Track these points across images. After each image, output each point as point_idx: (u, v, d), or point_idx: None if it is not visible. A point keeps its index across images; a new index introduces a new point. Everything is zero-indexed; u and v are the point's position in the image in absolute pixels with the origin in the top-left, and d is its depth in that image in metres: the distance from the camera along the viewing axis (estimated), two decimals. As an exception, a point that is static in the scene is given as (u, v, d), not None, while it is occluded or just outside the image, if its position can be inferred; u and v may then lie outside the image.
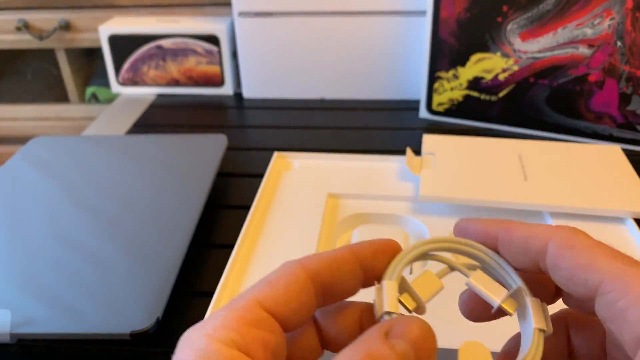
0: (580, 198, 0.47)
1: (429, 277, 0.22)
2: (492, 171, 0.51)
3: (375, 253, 0.21)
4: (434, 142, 0.57)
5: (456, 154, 0.54)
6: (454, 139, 0.57)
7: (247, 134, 0.72)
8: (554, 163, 0.53)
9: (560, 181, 0.49)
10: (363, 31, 0.75)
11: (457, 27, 0.65)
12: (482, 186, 0.49)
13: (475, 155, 0.54)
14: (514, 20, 0.62)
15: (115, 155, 0.57)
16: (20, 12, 0.92)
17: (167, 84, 0.84)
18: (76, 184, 0.52)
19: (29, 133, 1.01)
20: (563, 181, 0.49)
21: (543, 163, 0.53)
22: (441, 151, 0.55)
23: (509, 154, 0.54)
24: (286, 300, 0.18)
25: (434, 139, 0.57)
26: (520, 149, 0.55)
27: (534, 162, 0.53)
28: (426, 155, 0.54)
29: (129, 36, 0.80)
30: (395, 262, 0.21)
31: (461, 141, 0.57)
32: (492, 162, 0.53)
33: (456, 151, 0.55)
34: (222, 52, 0.80)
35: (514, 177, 0.50)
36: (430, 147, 0.56)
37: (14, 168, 0.55)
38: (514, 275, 0.22)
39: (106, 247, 0.43)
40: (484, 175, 0.50)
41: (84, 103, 1.02)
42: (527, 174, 0.50)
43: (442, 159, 0.53)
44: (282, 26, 0.76)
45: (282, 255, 0.41)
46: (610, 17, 0.58)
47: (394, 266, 0.21)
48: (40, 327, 0.36)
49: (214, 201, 0.53)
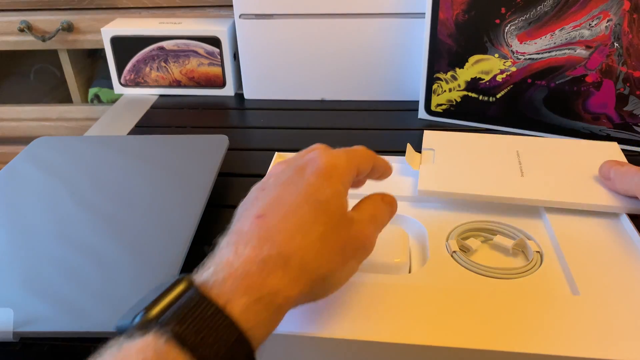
0: (575, 194, 0.47)
1: None
2: (489, 166, 0.52)
3: None
4: (434, 138, 0.58)
5: (455, 150, 0.55)
6: (454, 135, 0.58)
7: (248, 134, 0.73)
8: (551, 159, 0.53)
9: (556, 177, 0.50)
10: (362, 33, 0.76)
11: (456, 28, 0.66)
12: (479, 181, 0.49)
13: (474, 151, 0.55)
14: (511, 22, 0.63)
15: (117, 155, 0.57)
16: (23, 14, 0.92)
17: (169, 85, 0.84)
18: (79, 183, 0.53)
19: (32, 133, 1.02)
20: (559, 177, 0.50)
21: (540, 159, 0.53)
22: (441, 147, 0.55)
23: (507, 149, 0.55)
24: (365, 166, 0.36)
25: (434, 135, 0.58)
26: (518, 145, 0.56)
27: (531, 158, 0.53)
28: (426, 150, 0.55)
29: (131, 37, 0.81)
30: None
31: (461, 137, 0.58)
32: (490, 157, 0.54)
33: (455, 147, 0.56)
34: (224, 53, 0.80)
35: (511, 173, 0.51)
36: (431, 142, 0.57)
37: (17, 168, 0.56)
38: (517, 233, 0.45)
39: (109, 246, 0.44)
40: (481, 170, 0.51)
41: (87, 104, 1.03)
42: (524, 170, 0.51)
43: (441, 154, 0.54)
44: (282, 28, 0.76)
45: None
46: (607, 19, 0.58)
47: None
48: (43, 326, 0.37)
49: (215, 201, 0.54)
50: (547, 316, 0.35)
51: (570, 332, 0.34)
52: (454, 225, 0.46)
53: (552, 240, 0.44)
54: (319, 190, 0.31)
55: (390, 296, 0.37)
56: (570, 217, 0.45)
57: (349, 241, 0.31)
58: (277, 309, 0.27)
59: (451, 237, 0.44)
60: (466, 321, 0.35)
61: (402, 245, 0.42)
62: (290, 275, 0.27)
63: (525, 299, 0.37)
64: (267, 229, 0.29)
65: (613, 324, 0.35)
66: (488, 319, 0.35)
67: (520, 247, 0.44)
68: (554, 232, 0.44)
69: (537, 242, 0.44)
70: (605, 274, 0.39)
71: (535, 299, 0.37)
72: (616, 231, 0.44)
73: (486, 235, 0.45)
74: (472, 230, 0.46)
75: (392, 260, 0.41)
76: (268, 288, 0.27)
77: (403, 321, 0.35)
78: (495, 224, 0.46)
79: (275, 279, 0.27)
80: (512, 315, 0.35)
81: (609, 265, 0.40)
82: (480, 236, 0.45)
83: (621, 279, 0.39)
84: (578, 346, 0.33)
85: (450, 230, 0.45)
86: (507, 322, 0.35)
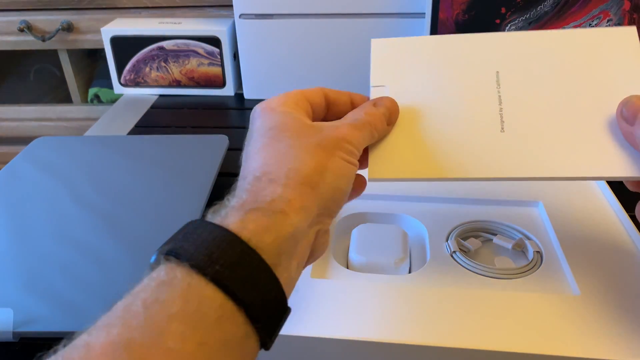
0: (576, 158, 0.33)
1: None
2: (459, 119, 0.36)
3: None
4: (384, 55, 0.40)
5: (413, 82, 0.38)
6: (409, 46, 0.40)
7: (247, 134, 0.73)
8: (544, 81, 0.36)
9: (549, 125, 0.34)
10: (363, 33, 0.76)
11: (456, 28, 0.66)
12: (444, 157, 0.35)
13: (438, 82, 0.38)
14: (511, 22, 0.63)
15: (117, 155, 0.57)
16: (23, 14, 0.92)
17: (169, 85, 0.84)
18: (79, 184, 0.53)
19: (32, 133, 1.02)
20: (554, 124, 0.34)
21: (528, 85, 0.36)
22: (395, 77, 0.39)
23: (484, 70, 0.37)
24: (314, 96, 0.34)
25: (384, 48, 0.41)
26: (498, 59, 0.37)
27: (515, 85, 0.36)
28: (376, 89, 0.38)
29: (131, 37, 0.81)
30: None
31: (419, 50, 0.39)
32: (459, 94, 0.37)
33: (413, 75, 0.38)
34: (224, 53, 0.80)
35: (488, 127, 0.35)
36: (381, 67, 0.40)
37: (17, 168, 0.56)
38: (516, 233, 0.45)
39: (108, 246, 0.44)
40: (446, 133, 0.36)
41: (87, 104, 1.03)
42: (505, 116, 0.35)
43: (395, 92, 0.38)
44: (282, 28, 0.76)
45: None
46: (607, 19, 0.58)
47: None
48: (43, 326, 0.37)
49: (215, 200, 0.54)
50: (547, 316, 0.35)
51: (570, 332, 0.34)
52: (454, 225, 0.46)
53: (552, 240, 0.44)
54: (266, 122, 0.31)
55: (390, 296, 0.37)
56: (570, 217, 0.45)
57: (324, 139, 0.30)
58: (281, 214, 0.26)
59: (451, 237, 0.44)
60: (466, 321, 0.35)
61: (401, 245, 0.42)
62: (280, 183, 0.27)
63: (525, 299, 0.37)
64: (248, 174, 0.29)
65: (613, 324, 0.35)
66: (488, 319, 0.35)
67: (520, 247, 0.44)
68: (554, 232, 0.44)
69: (537, 242, 0.44)
70: (605, 274, 0.39)
71: (535, 299, 0.37)
72: (616, 231, 0.44)
73: (486, 235, 0.45)
74: (472, 230, 0.46)
75: (391, 260, 0.41)
76: (262, 198, 0.27)
77: (403, 321, 0.35)
78: (495, 224, 0.46)
79: (266, 191, 0.27)
80: (512, 315, 0.35)
81: (609, 265, 0.40)
82: (480, 236, 0.45)
83: (621, 279, 0.39)
84: (578, 346, 0.33)
85: (450, 230, 0.45)
86: (507, 322, 0.35)
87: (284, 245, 0.26)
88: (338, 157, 0.30)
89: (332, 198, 0.29)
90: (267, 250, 0.25)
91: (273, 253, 0.25)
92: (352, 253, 0.42)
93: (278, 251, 0.25)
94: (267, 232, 0.25)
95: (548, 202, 0.47)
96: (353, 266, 0.42)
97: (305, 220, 0.27)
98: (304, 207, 0.27)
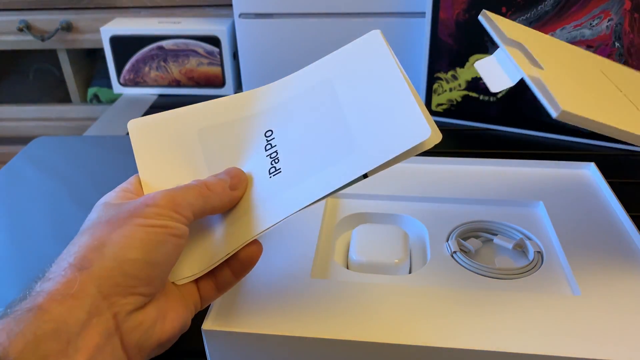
0: None
1: None
2: None
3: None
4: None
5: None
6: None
7: (247, 134, 0.73)
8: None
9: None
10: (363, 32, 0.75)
11: (456, 28, 0.66)
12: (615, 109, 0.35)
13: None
14: (512, 22, 0.63)
15: (116, 155, 0.57)
16: (22, 13, 0.92)
17: (169, 85, 0.84)
18: (78, 183, 0.53)
19: (31, 133, 1.02)
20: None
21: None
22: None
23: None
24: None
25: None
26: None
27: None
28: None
29: (130, 37, 0.81)
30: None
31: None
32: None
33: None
34: (223, 53, 0.80)
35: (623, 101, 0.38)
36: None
37: (16, 168, 0.56)
38: (517, 233, 0.45)
39: (107, 246, 0.44)
40: None
41: (86, 103, 1.03)
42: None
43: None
44: (282, 27, 0.76)
45: (282, 255, 0.42)
46: (608, 18, 0.58)
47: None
48: (42, 325, 0.37)
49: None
50: (547, 316, 0.35)
51: (570, 332, 0.34)
52: (454, 225, 0.45)
53: (553, 240, 0.44)
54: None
55: (390, 296, 0.37)
56: (571, 217, 0.45)
57: (120, 212, 0.29)
58: (37, 310, 0.23)
59: (451, 237, 0.44)
60: (467, 321, 0.35)
61: (402, 245, 0.42)
62: (43, 276, 0.26)
63: (526, 299, 0.36)
64: None
65: (613, 324, 0.34)
66: (489, 319, 0.35)
67: (521, 247, 0.44)
68: (554, 232, 0.44)
69: (538, 242, 0.44)
70: (605, 274, 0.39)
71: (535, 299, 0.37)
72: (616, 231, 0.44)
73: (487, 236, 0.45)
74: (472, 230, 0.46)
75: (392, 260, 0.41)
76: (25, 296, 0.25)
77: (403, 321, 0.35)
78: (495, 224, 0.46)
79: (31, 289, 0.25)
80: (512, 315, 0.35)
81: (610, 265, 0.40)
82: (481, 236, 0.45)
83: (621, 279, 0.39)
84: (578, 346, 0.33)
85: (450, 230, 0.45)
86: (508, 322, 0.35)
87: (45, 346, 0.23)
88: (130, 225, 0.27)
89: (120, 273, 0.26)
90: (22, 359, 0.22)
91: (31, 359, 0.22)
92: (353, 253, 0.42)
93: (38, 355, 0.22)
94: (19, 337, 0.22)
95: (549, 202, 0.47)
96: (353, 266, 0.41)
97: (78, 308, 0.24)
98: (70, 294, 0.24)
